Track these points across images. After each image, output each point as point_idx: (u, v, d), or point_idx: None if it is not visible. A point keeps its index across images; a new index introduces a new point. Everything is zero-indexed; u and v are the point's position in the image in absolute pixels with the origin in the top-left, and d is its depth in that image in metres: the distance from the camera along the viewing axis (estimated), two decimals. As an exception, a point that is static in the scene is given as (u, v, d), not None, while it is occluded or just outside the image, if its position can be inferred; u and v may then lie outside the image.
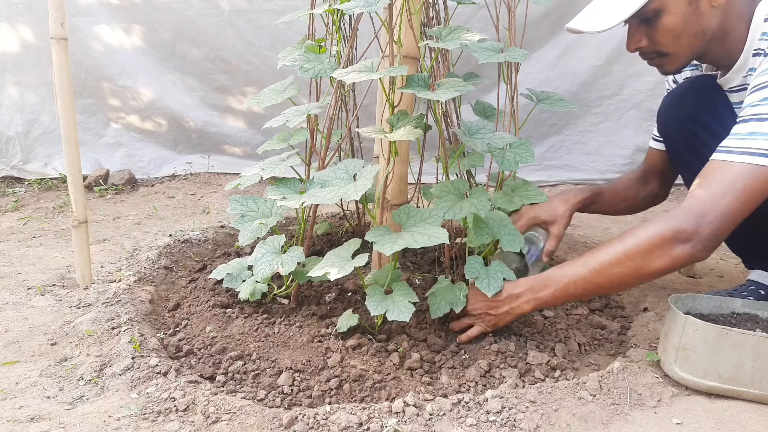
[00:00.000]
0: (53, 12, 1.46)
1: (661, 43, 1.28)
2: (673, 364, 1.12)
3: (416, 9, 1.28)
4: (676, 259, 1.11)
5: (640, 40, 1.29)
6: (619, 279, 1.16)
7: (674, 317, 1.12)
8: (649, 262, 1.12)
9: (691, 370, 1.10)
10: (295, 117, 1.41)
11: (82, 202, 1.60)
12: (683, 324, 1.10)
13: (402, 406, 1.04)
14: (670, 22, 1.23)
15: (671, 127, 1.48)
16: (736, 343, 1.05)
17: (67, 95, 1.52)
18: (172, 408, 1.06)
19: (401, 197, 1.46)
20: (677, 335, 1.11)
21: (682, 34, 1.25)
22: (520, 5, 1.43)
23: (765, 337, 1.04)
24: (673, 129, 1.47)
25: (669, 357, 1.13)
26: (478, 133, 1.36)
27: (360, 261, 1.21)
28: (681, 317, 1.10)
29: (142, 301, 1.52)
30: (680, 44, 1.27)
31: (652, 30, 1.26)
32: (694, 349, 1.09)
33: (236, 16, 2.93)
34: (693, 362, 1.09)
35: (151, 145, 3.19)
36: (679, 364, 1.11)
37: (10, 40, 2.93)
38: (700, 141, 1.38)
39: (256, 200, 1.46)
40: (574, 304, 1.54)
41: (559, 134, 3.00)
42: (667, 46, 1.28)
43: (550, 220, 1.50)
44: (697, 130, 1.39)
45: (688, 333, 1.09)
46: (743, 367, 1.05)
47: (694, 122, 1.39)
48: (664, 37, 1.26)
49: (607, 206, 1.68)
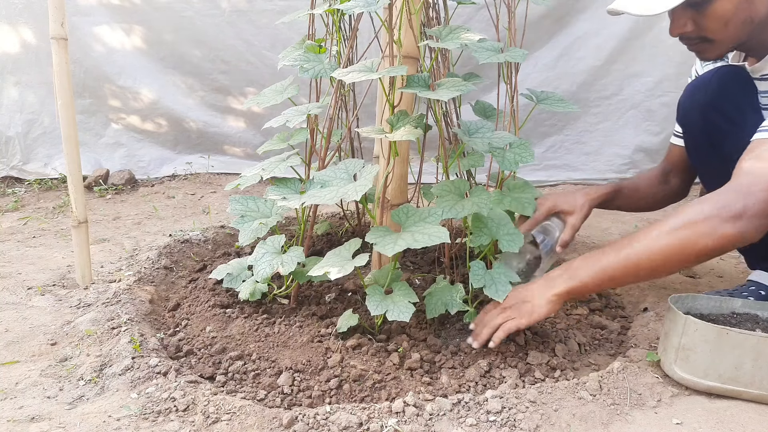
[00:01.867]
0: (53, 12, 1.46)
1: (708, 29, 1.23)
2: (673, 365, 1.12)
3: (416, 9, 1.28)
4: (724, 238, 1.04)
5: (685, 25, 1.24)
6: (663, 257, 1.08)
7: (674, 317, 1.12)
8: (695, 241, 1.06)
9: (691, 370, 1.10)
10: (295, 117, 1.41)
11: (82, 202, 1.60)
12: (683, 324, 1.09)
13: (402, 406, 1.04)
14: (721, 8, 1.19)
15: (692, 115, 1.43)
16: (736, 343, 1.05)
17: (67, 95, 1.51)
18: (172, 408, 1.06)
19: (401, 197, 1.46)
20: (677, 335, 1.11)
21: (731, 21, 1.20)
22: (520, 5, 1.43)
23: (765, 337, 1.04)
24: (694, 117, 1.42)
25: (669, 357, 1.13)
26: (478, 133, 1.36)
27: (360, 261, 1.21)
28: (681, 317, 1.10)
29: (142, 301, 1.52)
30: (727, 31, 1.22)
31: (701, 15, 1.21)
32: (694, 349, 1.09)
33: (236, 17, 2.93)
34: (693, 362, 1.09)
35: (151, 145, 3.19)
36: (679, 364, 1.11)
37: (10, 40, 2.93)
38: (718, 130, 1.34)
39: (256, 200, 1.46)
40: (574, 304, 1.54)
41: (558, 134, 3.00)
42: (714, 33, 1.23)
43: (569, 210, 1.48)
44: (717, 119, 1.35)
45: (688, 333, 1.09)
46: (743, 367, 1.05)
47: (716, 110, 1.35)
48: (712, 24, 1.21)
49: (627, 203, 1.66)
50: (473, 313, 1.33)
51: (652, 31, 2.78)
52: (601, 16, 2.81)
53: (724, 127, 1.32)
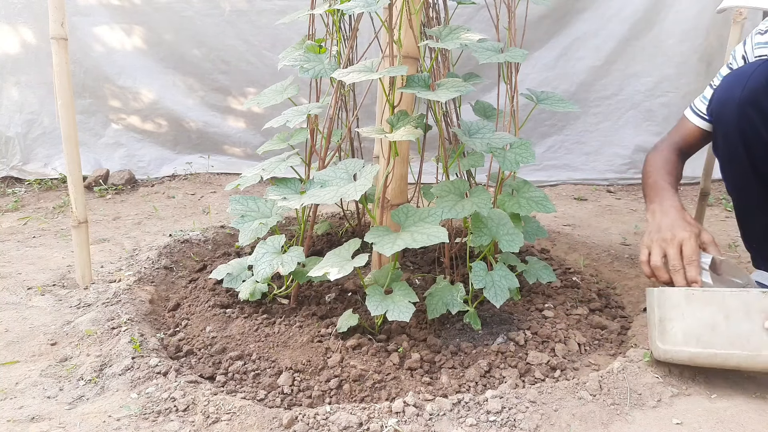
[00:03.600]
0: (53, 12, 1.46)
1: None
2: (656, 341, 1.13)
3: (416, 9, 1.28)
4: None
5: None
6: None
7: (649, 295, 1.14)
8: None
9: (670, 340, 1.10)
10: (295, 117, 1.41)
11: (82, 202, 1.60)
12: (656, 297, 1.12)
13: (402, 406, 1.04)
14: None
15: (727, 109, 1.30)
16: (704, 302, 1.05)
17: (67, 95, 1.52)
18: (172, 408, 1.06)
19: (401, 197, 1.46)
20: (653, 311, 1.13)
21: None
22: (520, 5, 1.43)
23: (732, 292, 1.04)
24: (729, 111, 1.30)
25: (653, 336, 1.14)
26: (478, 133, 1.36)
27: (360, 261, 1.21)
28: (652, 292, 1.12)
29: (142, 301, 1.52)
30: None
31: None
32: (668, 318, 1.10)
33: (236, 16, 2.93)
34: (670, 331, 1.10)
35: (151, 145, 3.19)
36: (659, 337, 1.12)
37: (9, 40, 2.93)
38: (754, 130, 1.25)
39: (256, 200, 1.46)
40: (574, 304, 1.54)
41: (558, 134, 3.00)
42: None
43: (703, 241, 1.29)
44: (755, 116, 1.25)
45: (660, 305, 1.11)
46: (718, 327, 1.05)
47: (754, 107, 1.24)
48: None
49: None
50: (473, 313, 1.34)
51: (651, 32, 2.78)
52: (601, 16, 2.81)
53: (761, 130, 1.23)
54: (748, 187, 1.37)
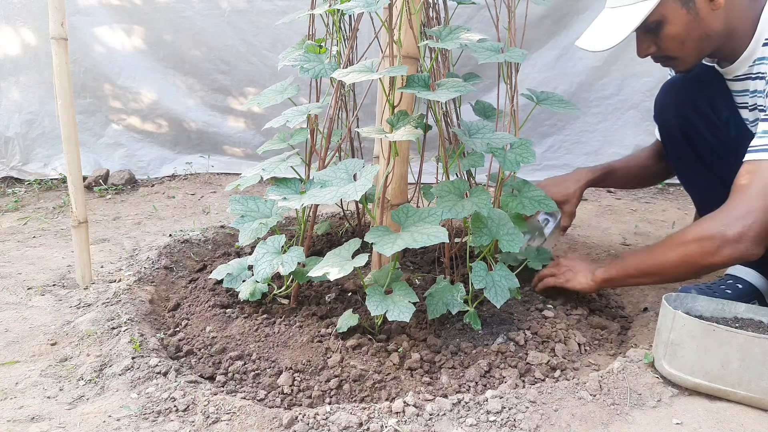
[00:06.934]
0: (53, 12, 1.46)
1: (667, 50, 1.34)
2: (662, 360, 1.12)
3: (416, 9, 1.28)
4: (725, 257, 1.19)
5: (649, 48, 1.35)
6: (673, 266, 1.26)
7: (665, 313, 1.13)
8: (702, 258, 1.21)
9: (678, 366, 1.09)
10: (295, 117, 1.41)
11: (82, 202, 1.60)
12: (672, 319, 1.10)
13: (402, 406, 1.04)
14: (672, 31, 1.29)
15: (667, 113, 1.53)
16: (723, 341, 1.04)
17: (67, 95, 1.51)
18: (172, 408, 1.06)
19: (401, 197, 1.46)
20: (666, 331, 1.12)
21: (686, 39, 1.30)
22: (520, 5, 1.43)
23: (753, 337, 1.03)
24: (670, 114, 1.52)
25: (659, 353, 1.13)
26: (478, 133, 1.36)
27: (360, 261, 1.21)
28: (670, 312, 1.11)
29: (142, 301, 1.52)
30: (686, 49, 1.32)
31: (657, 38, 1.32)
32: (682, 344, 1.09)
33: (236, 17, 2.93)
34: (680, 358, 1.09)
35: (151, 145, 3.19)
36: (667, 359, 1.11)
37: (9, 40, 2.92)
38: (693, 128, 1.45)
39: (256, 200, 1.46)
40: (574, 304, 1.54)
41: (558, 134, 3.00)
42: (674, 52, 1.34)
43: (562, 199, 1.64)
44: (693, 116, 1.44)
45: (676, 328, 1.10)
46: (730, 366, 1.04)
47: (691, 108, 1.44)
48: (669, 45, 1.32)
49: (619, 182, 1.83)
50: (473, 313, 1.33)
51: (651, 32, 2.78)
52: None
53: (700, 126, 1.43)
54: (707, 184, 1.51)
